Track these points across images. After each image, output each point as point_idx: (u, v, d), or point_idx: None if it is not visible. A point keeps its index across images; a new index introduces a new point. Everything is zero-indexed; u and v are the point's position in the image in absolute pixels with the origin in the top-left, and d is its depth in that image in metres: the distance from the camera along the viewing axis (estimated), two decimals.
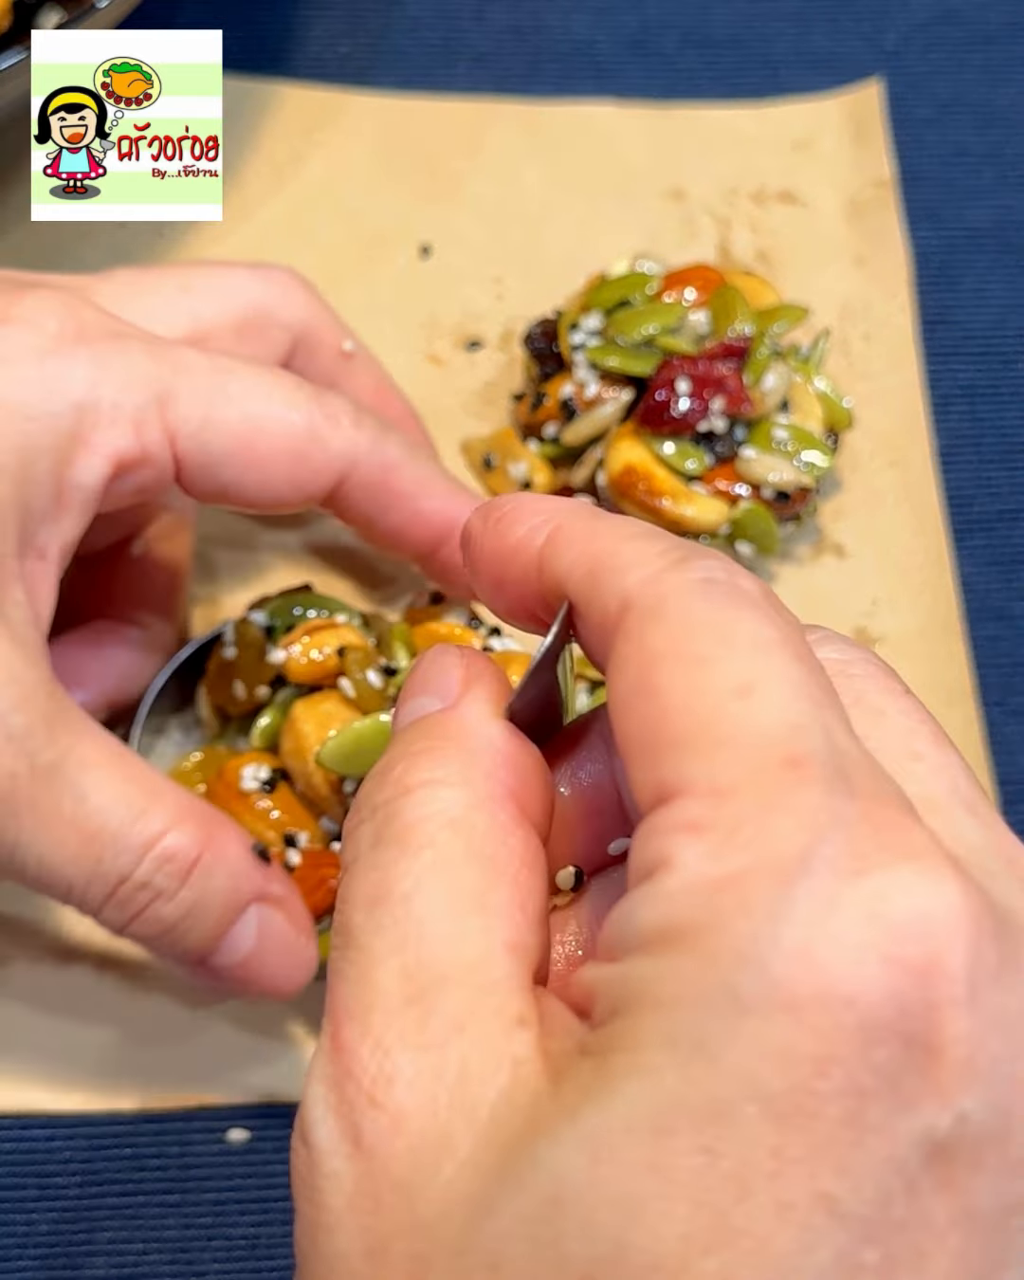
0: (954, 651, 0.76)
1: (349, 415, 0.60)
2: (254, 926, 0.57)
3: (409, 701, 0.43)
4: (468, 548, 0.43)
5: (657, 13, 0.94)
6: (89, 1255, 0.63)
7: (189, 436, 0.56)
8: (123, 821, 0.53)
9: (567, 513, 0.41)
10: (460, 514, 0.63)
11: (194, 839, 0.54)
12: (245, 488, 0.59)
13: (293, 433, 0.58)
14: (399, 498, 0.62)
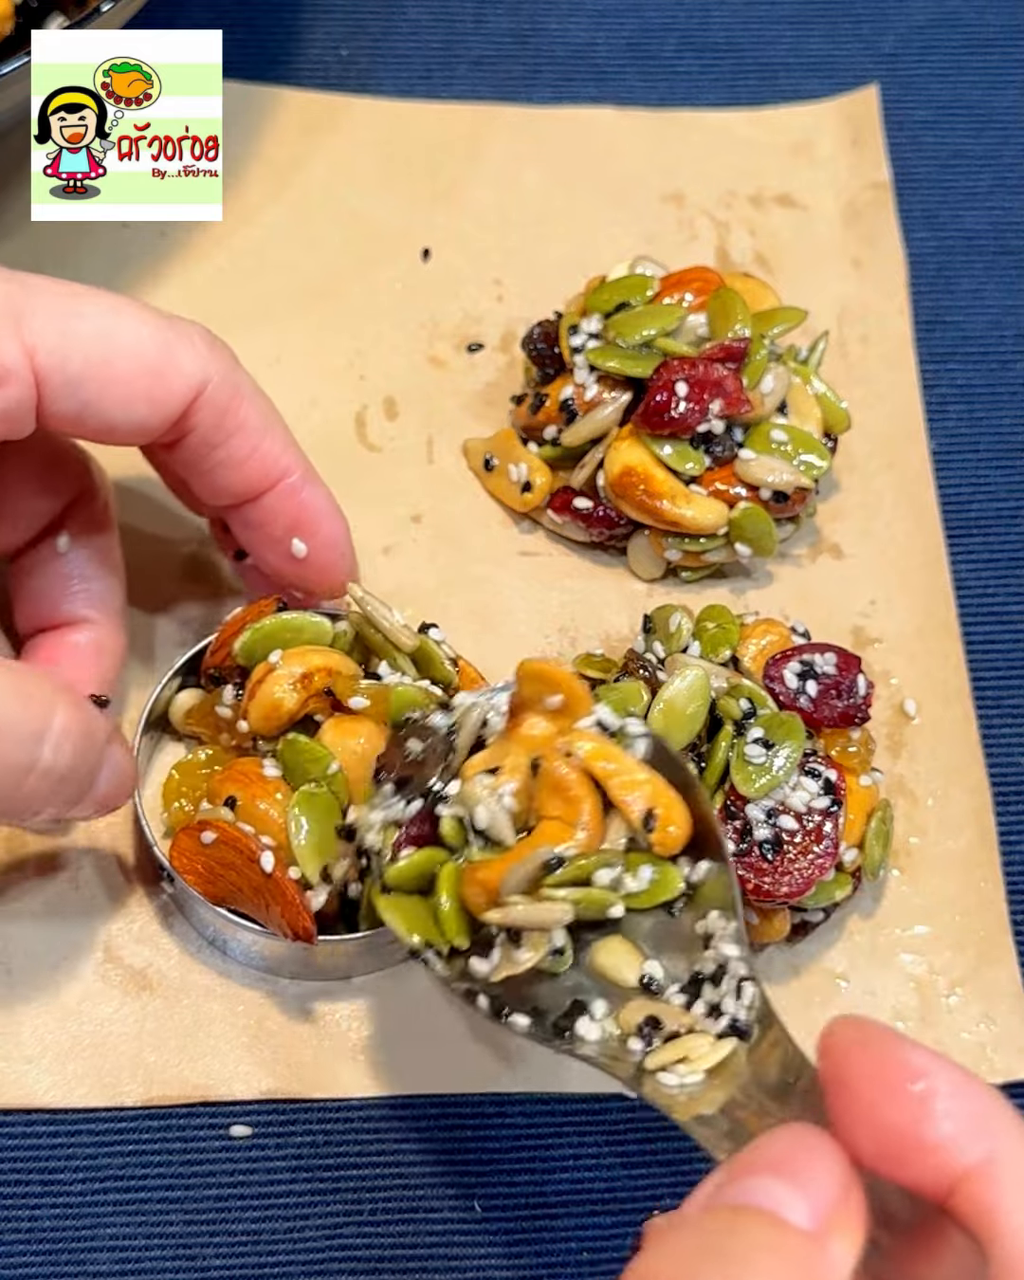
0: (950, 651, 0.76)
1: (202, 337, 0.61)
2: (110, 769, 0.60)
3: (762, 1179, 0.42)
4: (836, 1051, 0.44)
5: (655, 17, 0.95)
6: (92, 1250, 0.63)
7: (47, 351, 0.57)
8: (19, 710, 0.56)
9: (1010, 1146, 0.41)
10: (293, 464, 0.64)
11: (77, 709, 0.58)
12: (106, 407, 0.59)
13: (148, 348, 0.59)
14: (242, 429, 0.62)
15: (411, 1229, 0.64)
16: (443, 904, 0.58)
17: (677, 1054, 0.55)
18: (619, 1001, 0.57)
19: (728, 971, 0.57)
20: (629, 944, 0.59)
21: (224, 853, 0.63)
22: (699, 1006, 0.57)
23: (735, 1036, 0.55)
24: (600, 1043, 0.56)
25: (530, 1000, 0.58)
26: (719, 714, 0.67)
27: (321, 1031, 0.67)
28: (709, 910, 0.58)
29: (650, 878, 0.58)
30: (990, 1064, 0.68)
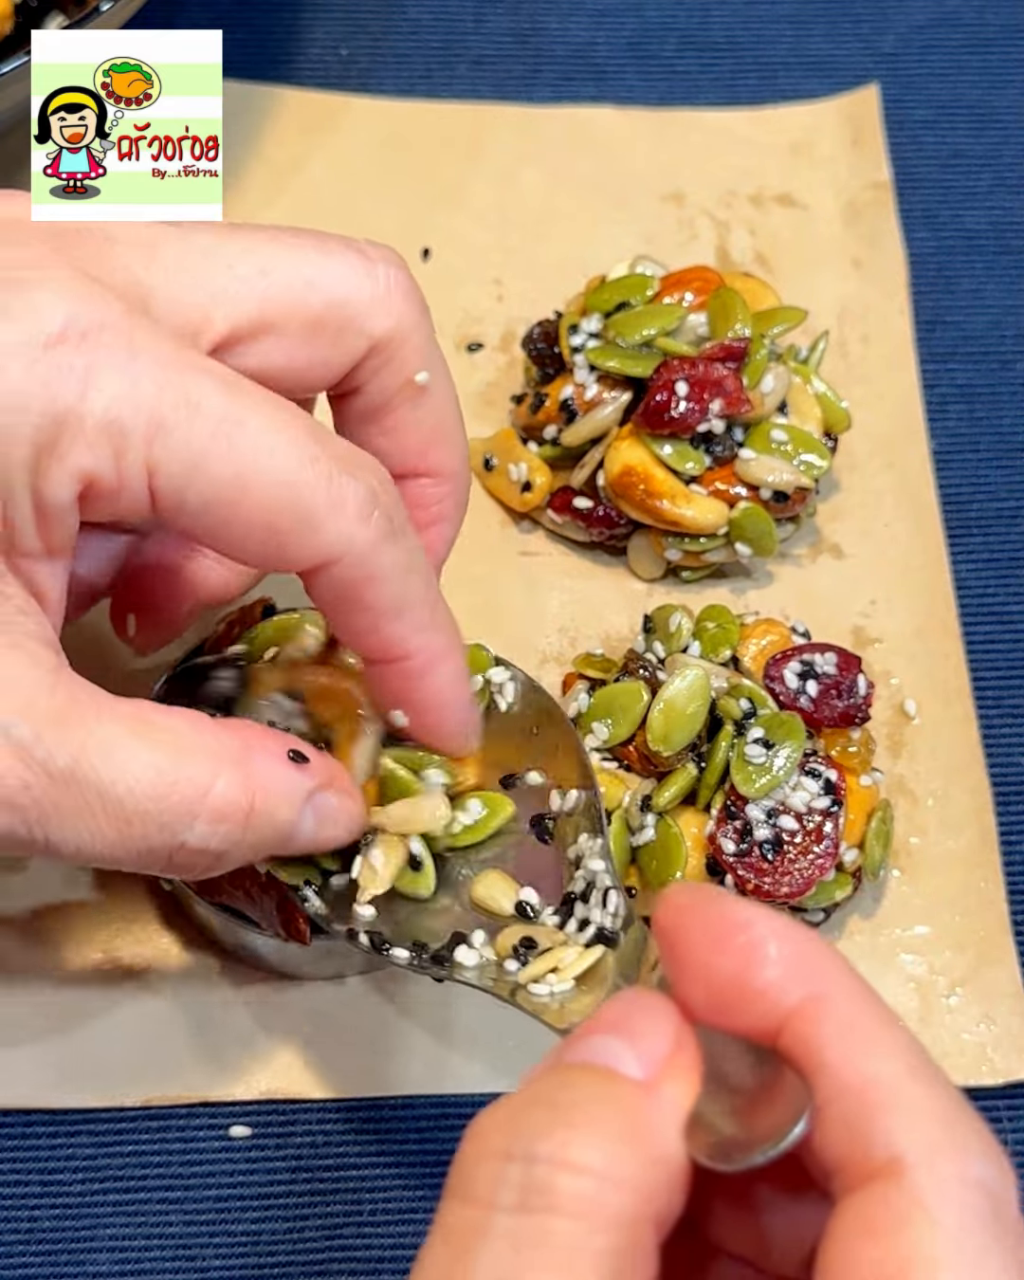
0: (951, 651, 0.76)
1: (357, 504, 0.53)
2: (311, 819, 0.56)
3: (597, 1038, 0.43)
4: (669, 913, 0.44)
5: (655, 17, 0.95)
6: (92, 1251, 0.63)
7: (169, 477, 0.51)
8: (157, 799, 0.51)
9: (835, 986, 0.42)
10: (420, 650, 0.57)
11: (240, 787, 0.53)
12: (218, 543, 0.54)
13: (284, 507, 0.52)
14: (368, 609, 0.55)
15: (411, 1229, 0.64)
16: None
17: (547, 965, 0.57)
18: (497, 930, 0.59)
19: (595, 885, 0.59)
20: (505, 876, 0.61)
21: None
22: (571, 925, 0.59)
23: (602, 944, 0.57)
24: (478, 967, 0.58)
25: (411, 935, 0.59)
26: (719, 714, 0.67)
27: (322, 1031, 0.67)
28: (579, 835, 0.61)
29: (480, 810, 0.62)
30: (991, 1064, 0.67)
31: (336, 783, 0.58)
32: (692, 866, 0.65)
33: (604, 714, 0.67)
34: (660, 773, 0.67)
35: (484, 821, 0.62)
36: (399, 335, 0.59)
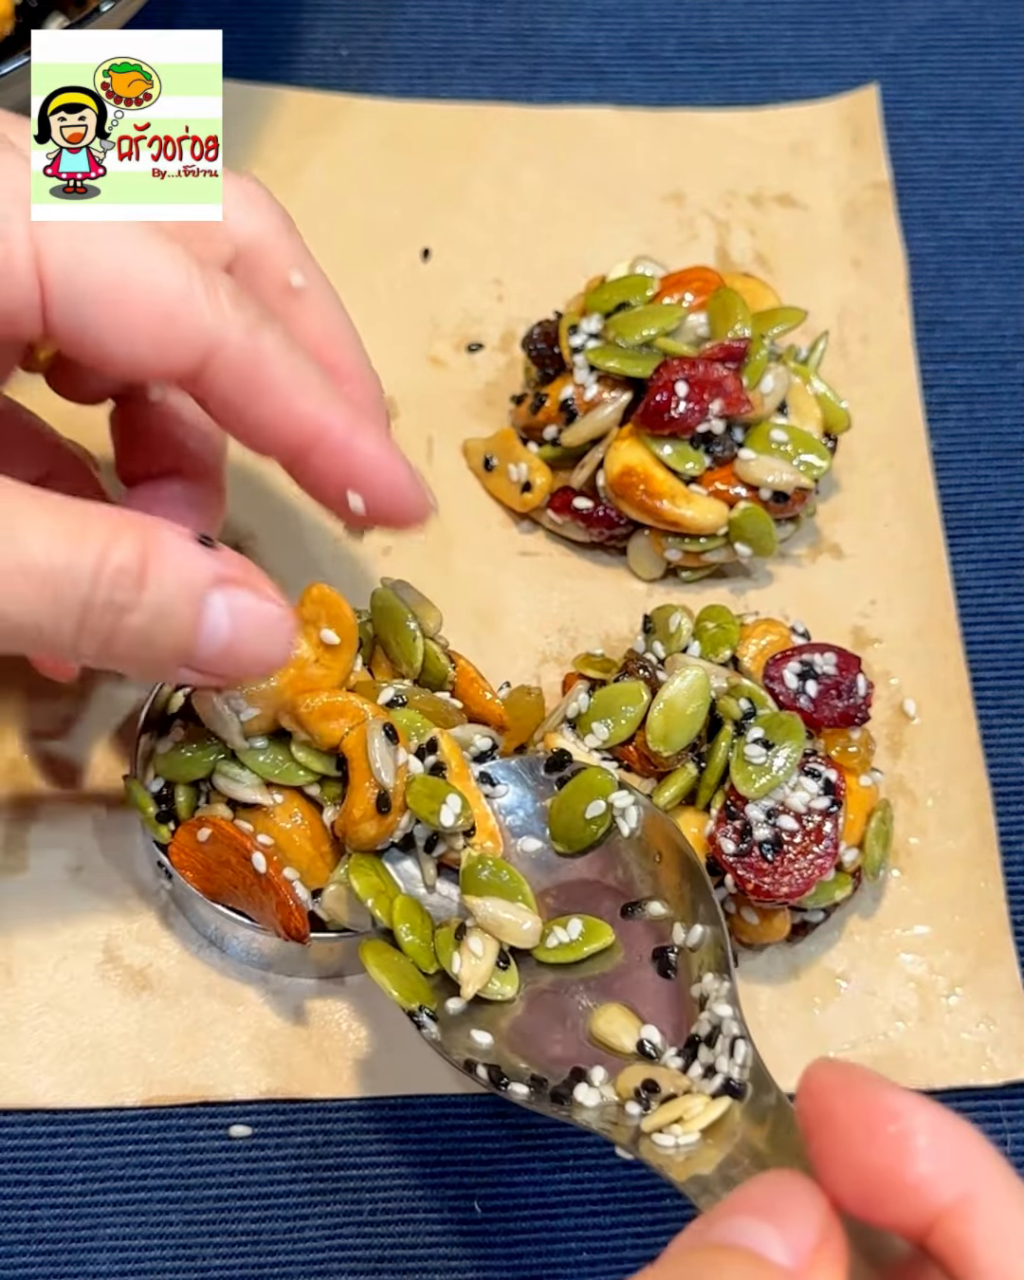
0: (950, 651, 0.76)
1: (229, 292, 0.56)
2: (224, 611, 0.56)
3: (743, 1219, 0.43)
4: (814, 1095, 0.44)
5: (655, 17, 0.95)
6: (92, 1250, 0.63)
7: (57, 261, 0.53)
8: (66, 554, 0.52)
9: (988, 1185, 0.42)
10: (334, 419, 0.58)
11: (135, 547, 0.54)
12: (108, 338, 0.55)
13: (166, 290, 0.54)
14: (269, 391, 0.57)
15: (411, 1229, 0.64)
16: (405, 937, 0.60)
17: (672, 1115, 0.55)
18: (618, 1068, 0.59)
19: (722, 1031, 0.58)
20: (627, 1011, 0.60)
21: (220, 850, 0.63)
22: (695, 1068, 0.58)
23: (729, 1095, 0.55)
24: (598, 1108, 0.57)
25: (530, 1069, 0.59)
26: (719, 714, 0.67)
27: (321, 1031, 0.67)
28: (704, 974, 0.60)
29: (578, 930, 0.61)
30: (990, 1064, 0.68)
31: (256, 585, 0.57)
32: None
33: (604, 714, 0.67)
34: (660, 773, 0.67)
35: (580, 942, 0.61)
36: (266, 240, 0.61)
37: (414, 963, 0.60)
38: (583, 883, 0.63)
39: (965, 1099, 0.67)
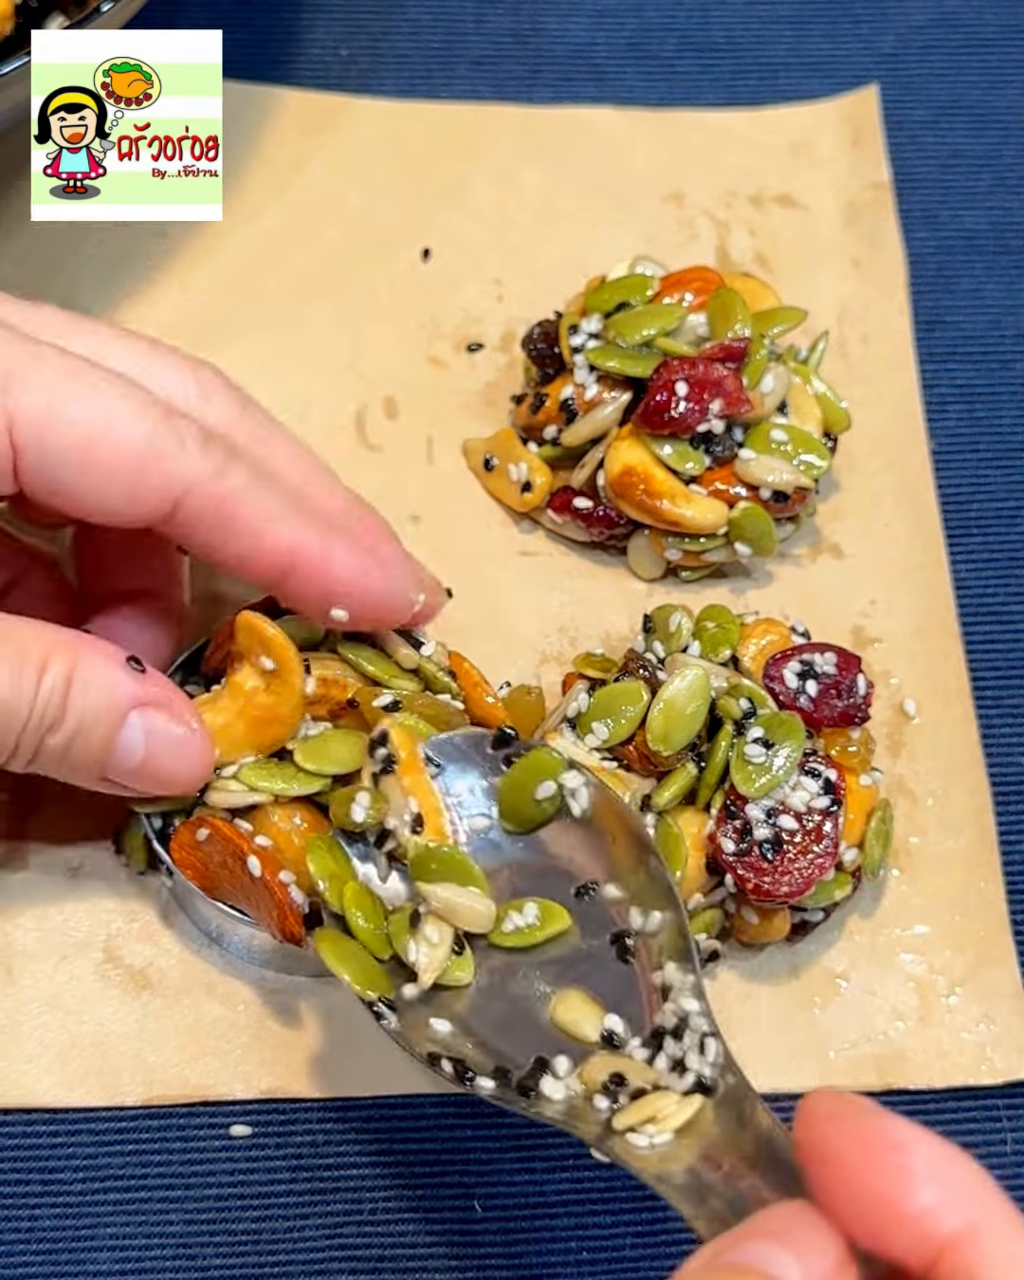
0: (950, 651, 0.76)
1: (196, 439, 0.58)
2: (140, 731, 0.59)
3: (760, 1243, 0.43)
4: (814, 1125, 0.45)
5: (655, 17, 0.95)
6: (92, 1250, 0.63)
7: (28, 425, 0.55)
8: (9, 686, 0.55)
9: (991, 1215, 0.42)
10: (304, 543, 0.61)
11: (63, 669, 0.56)
12: (80, 493, 0.58)
13: (134, 444, 0.57)
14: (240, 528, 0.60)
15: (411, 1229, 0.64)
16: (359, 923, 0.60)
17: (645, 1114, 0.55)
18: (582, 1057, 0.58)
19: (689, 1026, 0.57)
20: (587, 998, 0.60)
21: (217, 851, 0.63)
22: (661, 1060, 0.58)
23: (701, 1093, 0.56)
24: (565, 1101, 0.57)
25: (493, 1059, 0.59)
26: (719, 714, 0.67)
27: (321, 1031, 0.67)
28: (666, 962, 0.60)
29: (534, 914, 0.61)
30: (990, 1064, 0.68)
31: (173, 709, 0.60)
32: (691, 866, 0.65)
33: (604, 714, 0.67)
34: (660, 772, 0.67)
35: (537, 927, 0.61)
36: (224, 427, 0.62)
37: (368, 950, 0.60)
38: (533, 863, 0.63)
39: (965, 1099, 0.67)
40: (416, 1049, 0.58)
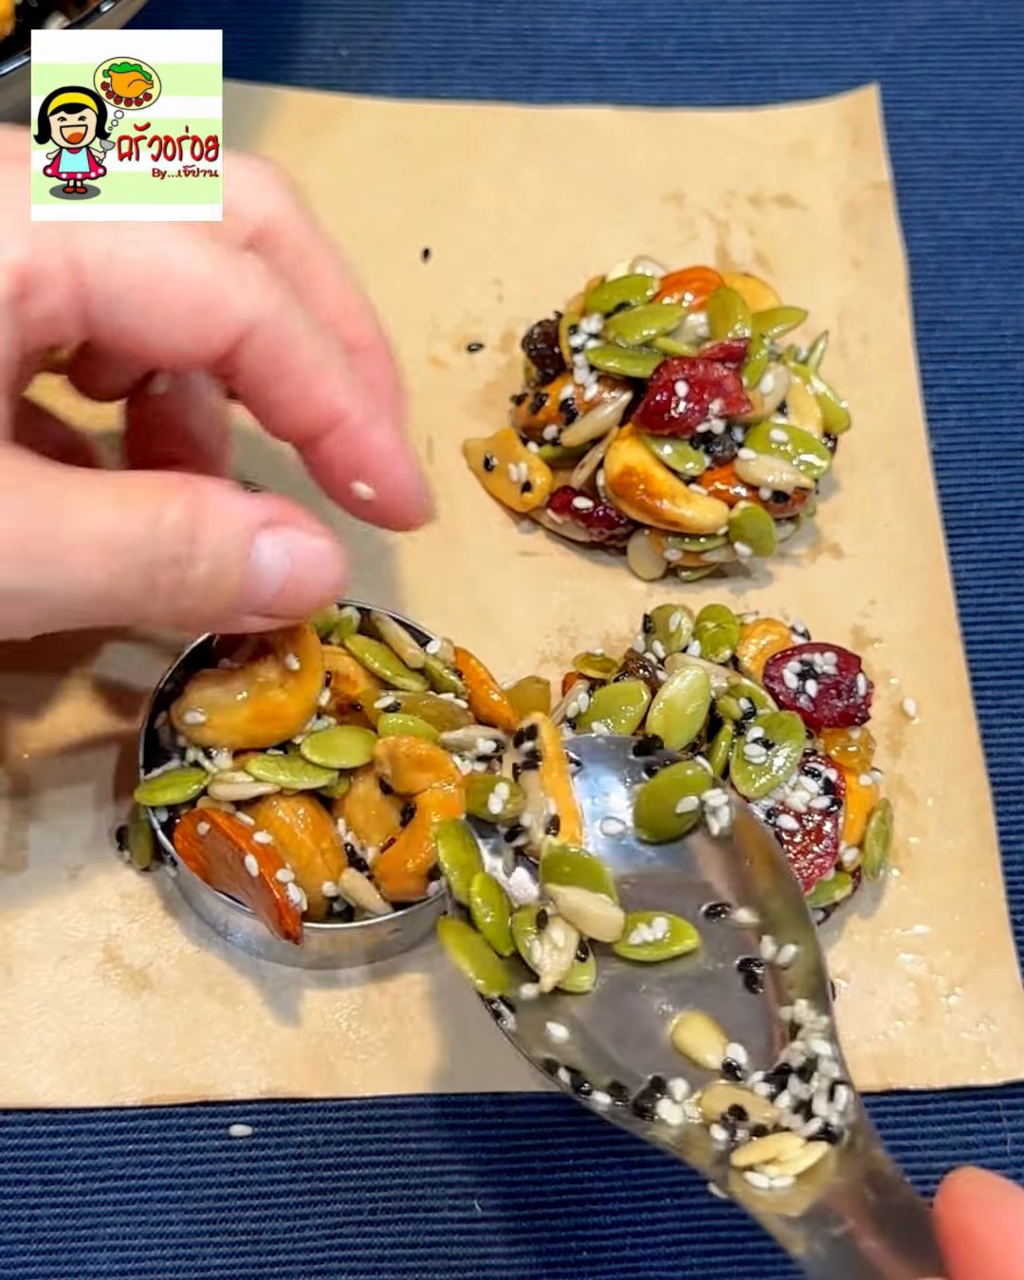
0: (950, 651, 0.76)
1: (258, 276, 0.57)
2: (275, 550, 0.58)
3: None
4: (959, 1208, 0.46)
5: (655, 17, 0.95)
6: (92, 1249, 0.63)
7: (92, 262, 0.55)
8: (123, 520, 0.54)
9: None
10: (352, 407, 0.60)
11: (185, 505, 0.56)
12: (145, 332, 0.57)
13: (198, 281, 0.56)
14: (293, 373, 0.59)
15: (411, 1229, 0.64)
16: (485, 917, 0.59)
17: (766, 1154, 0.54)
18: (700, 1083, 0.57)
19: (818, 1069, 0.56)
20: (711, 1023, 0.59)
21: (217, 845, 0.63)
22: (784, 1098, 0.56)
23: (826, 1140, 0.54)
24: (681, 1127, 0.56)
25: (608, 1072, 0.57)
26: (719, 714, 0.67)
27: (321, 1031, 0.67)
28: (798, 999, 0.59)
29: (664, 929, 0.60)
30: (990, 1064, 0.68)
31: (305, 523, 0.59)
32: None
33: (604, 714, 0.67)
34: None
35: (666, 942, 0.60)
36: (280, 219, 0.61)
37: (490, 945, 0.58)
38: (664, 875, 0.62)
39: (965, 1099, 0.67)
40: (532, 1054, 0.57)
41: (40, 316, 0.55)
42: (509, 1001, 0.58)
